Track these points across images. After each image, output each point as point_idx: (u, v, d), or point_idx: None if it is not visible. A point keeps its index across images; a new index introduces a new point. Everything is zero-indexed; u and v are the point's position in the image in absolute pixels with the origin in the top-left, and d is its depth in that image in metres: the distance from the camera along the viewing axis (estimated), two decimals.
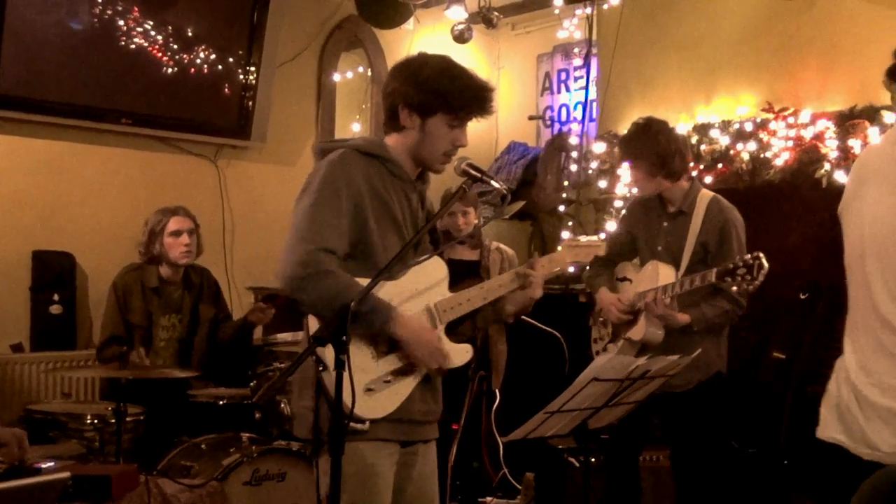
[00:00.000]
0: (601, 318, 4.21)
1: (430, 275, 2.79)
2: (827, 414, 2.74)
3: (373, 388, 2.64)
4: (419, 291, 2.76)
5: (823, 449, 4.57)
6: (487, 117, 2.81)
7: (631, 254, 4.20)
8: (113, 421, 3.87)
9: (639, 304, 3.89)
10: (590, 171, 6.13)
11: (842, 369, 2.71)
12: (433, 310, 2.78)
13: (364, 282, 2.59)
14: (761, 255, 3.51)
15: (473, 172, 2.78)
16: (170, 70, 5.55)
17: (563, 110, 7.12)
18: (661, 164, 3.91)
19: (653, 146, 3.90)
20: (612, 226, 5.44)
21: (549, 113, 7.16)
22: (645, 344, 3.89)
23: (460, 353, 2.80)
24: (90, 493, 3.15)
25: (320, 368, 2.54)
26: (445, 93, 2.69)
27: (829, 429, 2.72)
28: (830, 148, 4.71)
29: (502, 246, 5.00)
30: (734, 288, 3.59)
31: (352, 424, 2.56)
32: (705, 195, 4.02)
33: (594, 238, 3.15)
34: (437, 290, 2.80)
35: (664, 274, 3.88)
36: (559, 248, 3.12)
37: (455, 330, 2.85)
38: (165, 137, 5.68)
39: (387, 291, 2.67)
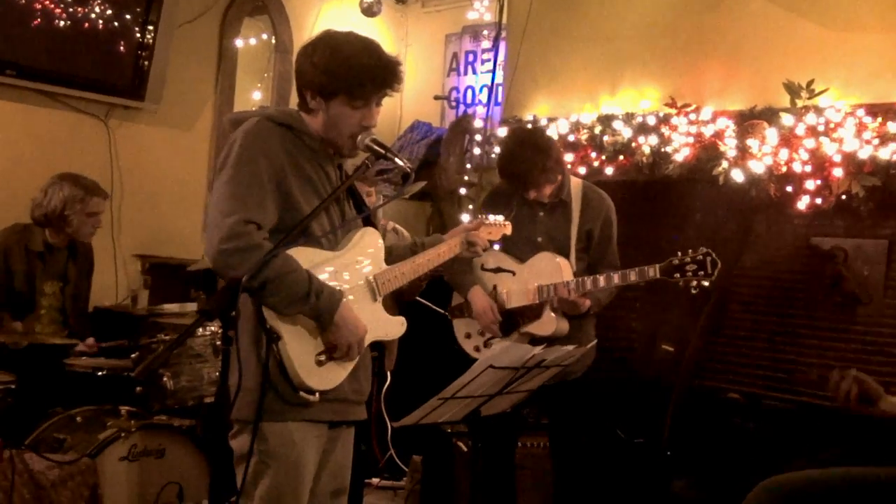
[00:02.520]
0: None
1: (366, 246, 2.79)
2: None
3: (322, 359, 2.62)
4: (357, 262, 2.75)
5: (705, 441, 4.70)
6: (394, 94, 2.74)
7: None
8: None
9: (543, 298, 3.88)
10: (492, 155, 6.09)
11: None
12: (373, 282, 2.77)
13: (300, 252, 2.56)
14: (710, 251, 3.63)
15: (377, 149, 2.73)
16: (61, 22, 5.27)
17: (469, 92, 7.07)
18: (558, 170, 3.98)
19: (554, 157, 3.94)
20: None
21: (454, 94, 7.11)
22: (552, 337, 3.87)
23: (397, 326, 2.85)
24: None
25: (274, 338, 2.51)
26: (340, 74, 2.63)
27: None
28: (729, 146, 4.77)
29: (399, 227, 4.93)
30: (682, 283, 3.64)
31: (305, 395, 2.57)
32: (576, 182, 4.09)
33: (499, 218, 3.35)
34: (374, 262, 2.80)
35: (565, 266, 3.89)
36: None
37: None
38: (53, 93, 5.40)
39: (324, 260, 2.65)
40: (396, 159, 2.76)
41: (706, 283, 3.65)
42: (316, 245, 2.65)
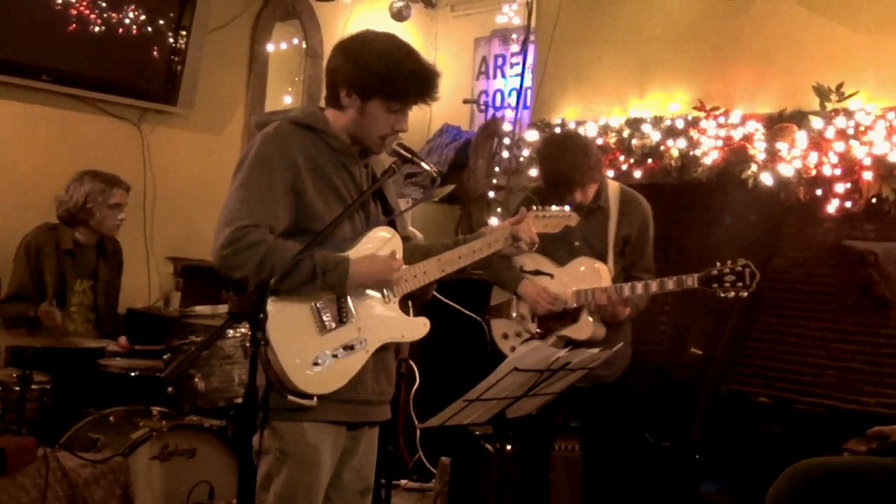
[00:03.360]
0: (519, 312, 4.11)
1: (378, 245, 2.75)
2: None
3: (319, 362, 2.59)
4: None
5: (734, 445, 4.68)
6: (431, 103, 2.76)
7: None
8: (17, 388, 3.74)
9: (582, 302, 3.88)
10: (521, 159, 6.12)
11: None
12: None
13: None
14: (749, 262, 3.60)
15: (404, 153, 2.74)
16: (96, 28, 5.36)
17: (498, 96, 7.09)
18: (599, 169, 3.98)
19: (595, 157, 3.94)
20: None
21: (483, 97, 7.12)
22: (588, 341, 3.87)
23: (418, 327, 2.80)
24: None
25: (264, 344, 2.47)
26: (385, 78, 2.63)
27: None
28: (758, 150, 4.76)
29: (411, 228, 4.93)
30: (720, 294, 3.63)
31: (298, 400, 2.53)
32: (613, 186, 4.07)
33: (564, 209, 3.15)
34: None
35: (604, 272, 3.89)
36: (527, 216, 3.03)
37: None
38: (87, 97, 5.49)
39: None
40: (423, 164, 2.77)
41: (744, 295, 3.63)
42: (330, 248, 2.63)
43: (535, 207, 3.11)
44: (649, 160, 5.21)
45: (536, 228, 3.01)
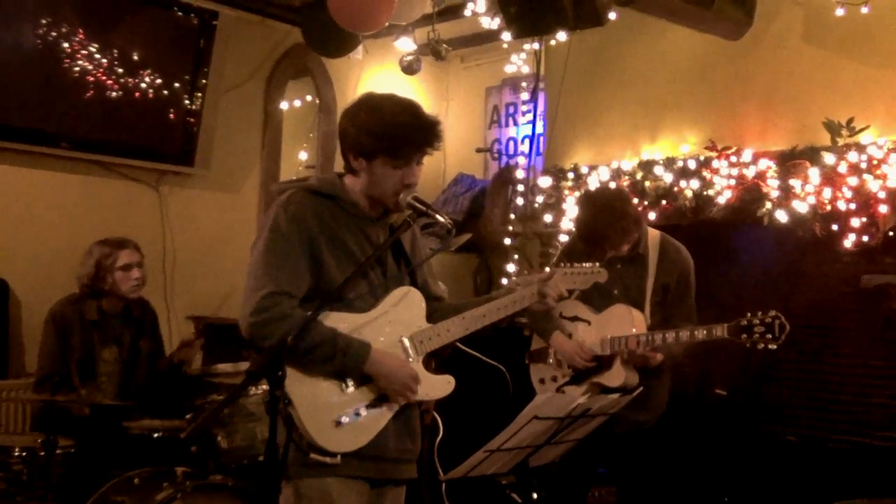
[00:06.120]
0: (556, 358, 4.12)
1: (405, 306, 2.79)
2: None
3: (342, 420, 2.62)
4: (392, 322, 2.75)
5: (762, 485, 4.62)
6: (434, 152, 2.79)
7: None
8: (43, 454, 3.74)
9: (615, 350, 3.88)
10: (536, 205, 6.15)
11: None
12: (406, 342, 2.76)
13: (332, 317, 2.59)
14: (780, 314, 3.59)
15: (418, 206, 2.78)
16: (112, 94, 5.46)
17: (511, 143, 7.13)
18: (638, 225, 4.00)
19: (632, 218, 3.96)
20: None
21: (496, 146, 7.18)
22: (621, 388, 3.85)
23: (441, 385, 2.80)
24: None
25: (285, 403, 2.51)
26: (380, 136, 2.69)
27: None
28: (772, 187, 4.77)
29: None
30: (748, 345, 3.62)
31: (320, 458, 2.56)
32: (653, 234, 4.08)
33: (594, 265, 3.13)
34: (413, 321, 2.79)
35: (638, 319, 3.89)
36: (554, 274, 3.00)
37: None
38: (106, 162, 5.58)
39: (357, 324, 2.67)
40: (437, 216, 2.81)
41: (773, 347, 3.61)
42: (349, 308, 2.68)
43: (563, 265, 3.11)
44: (663, 202, 5.23)
45: (565, 286, 3.01)
